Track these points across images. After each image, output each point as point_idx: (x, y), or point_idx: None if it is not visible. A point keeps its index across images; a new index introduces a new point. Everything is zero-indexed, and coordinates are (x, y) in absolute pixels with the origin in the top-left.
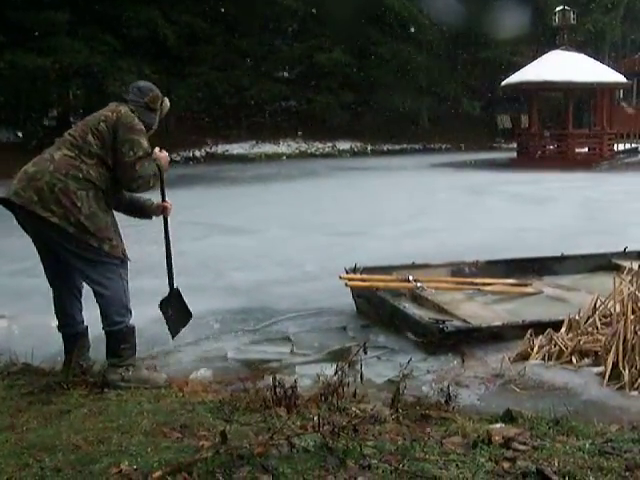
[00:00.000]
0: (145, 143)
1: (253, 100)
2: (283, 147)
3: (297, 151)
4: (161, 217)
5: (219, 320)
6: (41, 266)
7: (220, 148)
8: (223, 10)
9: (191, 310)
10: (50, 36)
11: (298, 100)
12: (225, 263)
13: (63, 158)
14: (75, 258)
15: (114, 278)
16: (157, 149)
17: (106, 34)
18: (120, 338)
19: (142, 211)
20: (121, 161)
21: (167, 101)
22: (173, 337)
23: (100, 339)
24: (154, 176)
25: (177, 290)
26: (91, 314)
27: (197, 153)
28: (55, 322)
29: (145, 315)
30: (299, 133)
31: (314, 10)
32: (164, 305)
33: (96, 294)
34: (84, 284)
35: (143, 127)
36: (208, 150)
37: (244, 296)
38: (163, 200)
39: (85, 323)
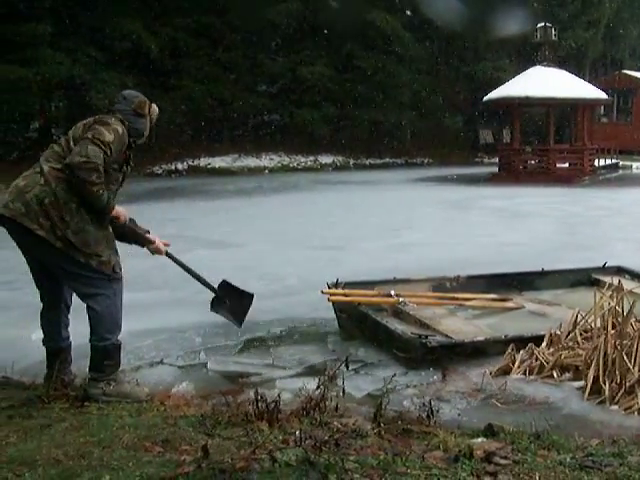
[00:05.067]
0: (108, 136)
1: (236, 113)
2: (265, 161)
3: (279, 165)
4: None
5: (201, 334)
6: (22, 279)
7: (202, 161)
8: (206, 23)
9: (251, 292)
10: (32, 48)
11: (281, 114)
12: (207, 277)
13: (52, 171)
14: (63, 272)
15: (106, 294)
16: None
17: (89, 46)
18: (105, 354)
19: (135, 236)
20: (79, 138)
21: (155, 106)
22: (239, 326)
23: (81, 352)
24: (98, 173)
25: (224, 282)
26: (73, 327)
27: (179, 166)
28: (35, 335)
29: (128, 328)
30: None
31: (297, 24)
32: (215, 305)
33: (88, 308)
34: (73, 299)
35: (119, 129)
36: (190, 163)
37: None
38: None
39: (70, 339)
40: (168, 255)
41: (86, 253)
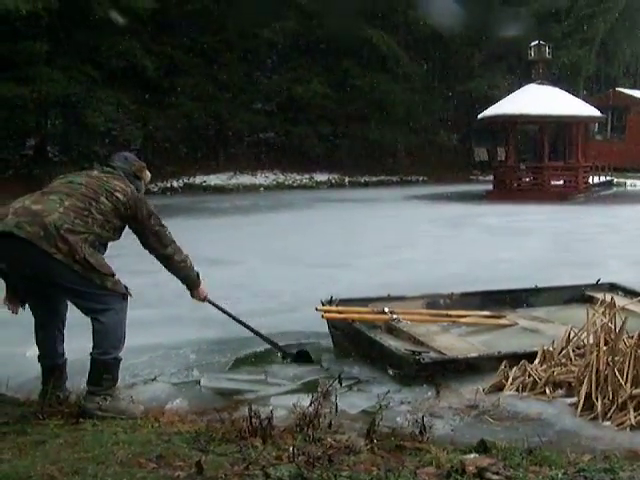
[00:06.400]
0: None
1: (231, 131)
2: (261, 178)
3: (275, 182)
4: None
5: (195, 350)
6: None
7: (198, 179)
8: (202, 42)
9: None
10: (29, 66)
11: (276, 132)
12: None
13: (74, 206)
14: (73, 293)
15: (115, 309)
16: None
17: (85, 64)
18: (105, 368)
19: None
20: (153, 231)
21: (148, 172)
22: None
23: (77, 369)
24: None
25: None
26: (69, 343)
27: (175, 184)
28: (30, 352)
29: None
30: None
31: (293, 43)
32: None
33: (94, 320)
34: (69, 315)
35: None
36: (186, 181)
37: (220, 327)
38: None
39: (65, 356)
40: (209, 301)
41: (102, 274)
